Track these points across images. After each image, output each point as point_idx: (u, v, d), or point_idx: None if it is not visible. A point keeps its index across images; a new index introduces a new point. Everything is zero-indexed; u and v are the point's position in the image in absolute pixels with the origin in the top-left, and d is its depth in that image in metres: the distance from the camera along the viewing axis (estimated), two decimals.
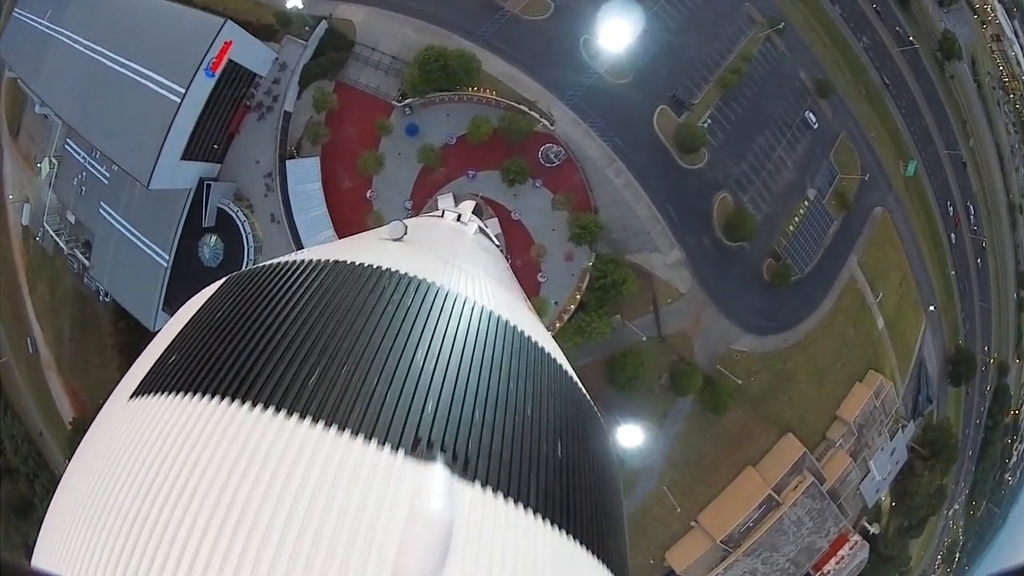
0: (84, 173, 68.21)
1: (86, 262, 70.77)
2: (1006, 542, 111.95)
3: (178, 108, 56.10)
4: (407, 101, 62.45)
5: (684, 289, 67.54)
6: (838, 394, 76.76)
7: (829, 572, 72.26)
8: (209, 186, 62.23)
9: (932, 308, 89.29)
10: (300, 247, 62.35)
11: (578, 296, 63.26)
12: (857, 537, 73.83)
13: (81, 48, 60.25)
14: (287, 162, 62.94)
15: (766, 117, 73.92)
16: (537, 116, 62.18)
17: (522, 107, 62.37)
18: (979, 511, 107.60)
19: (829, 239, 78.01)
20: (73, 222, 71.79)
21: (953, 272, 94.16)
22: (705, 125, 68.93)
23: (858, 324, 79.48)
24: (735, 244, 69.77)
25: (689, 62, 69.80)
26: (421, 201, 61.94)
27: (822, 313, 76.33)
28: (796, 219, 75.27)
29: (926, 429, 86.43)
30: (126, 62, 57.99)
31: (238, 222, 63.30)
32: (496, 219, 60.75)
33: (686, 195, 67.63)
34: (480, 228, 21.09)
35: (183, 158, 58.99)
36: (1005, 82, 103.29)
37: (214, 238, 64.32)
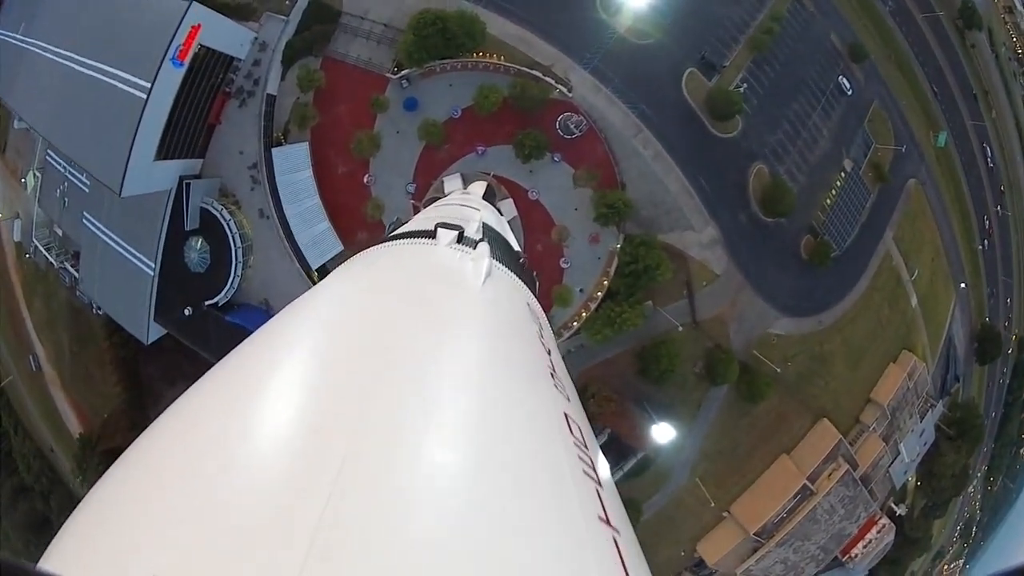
0: (66, 183, 56.06)
1: (77, 275, 59.28)
2: (1019, 516, 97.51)
3: (145, 105, 44.38)
4: (403, 72, 48.40)
5: (719, 270, 53.66)
6: (872, 376, 63.47)
7: (856, 556, 61.97)
8: (188, 185, 49.49)
9: (963, 285, 75.38)
10: (293, 242, 49.93)
11: (605, 282, 49.71)
12: (885, 520, 63.34)
13: (51, 56, 48.58)
14: (273, 150, 49.48)
15: (800, 82, 59.09)
16: (552, 82, 48.00)
17: (535, 73, 48.09)
18: (995, 487, 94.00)
19: (866, 213, 63.28)
20: (61, 235, 60.24)
21: (980, 247, 79.40)
22: (742, 89, 53.99)
23: (893, 303, 65.65)
24: (772, 220, 55.46)
25: (717, 21, 55.01)
26: (425, 183, 48.34)
27: (858, 292, 62.42)
28: (833, 192, 60.64)
29: (952, 408, 73.69)
30: (91, 63, 46.27)
31: (222, 221, 50.00)
32: (511, 200, 47.16)
33: (720, 166, 53.04)
34: (494, 245, 6.69)
35: (157, 158, 46.96)
36: (1019, 54, 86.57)
37: (200, 241, 51.31)
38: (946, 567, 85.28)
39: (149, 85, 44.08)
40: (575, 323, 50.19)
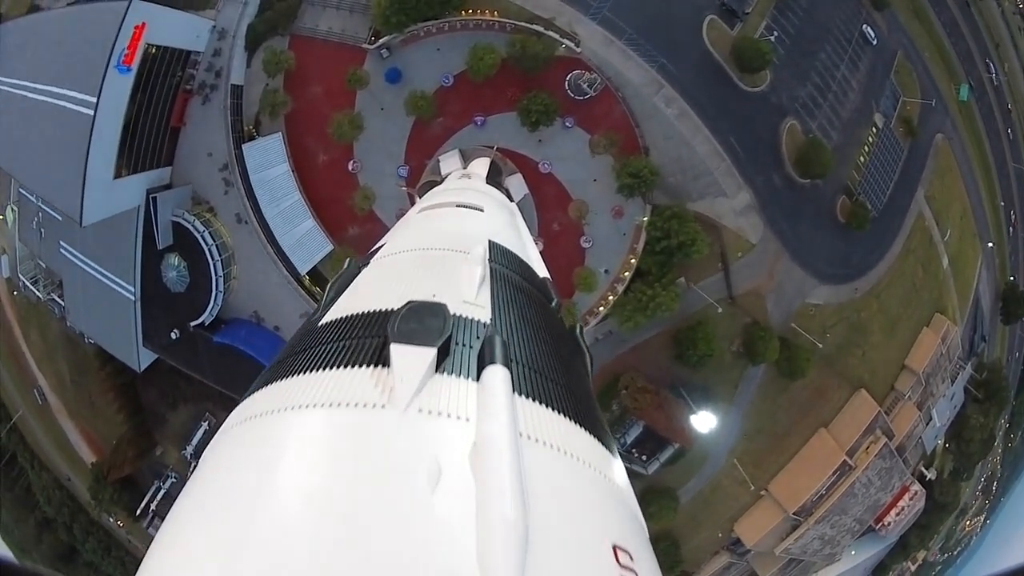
0: (40, 214, 46.42)
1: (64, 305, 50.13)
2: None
3: (93, 121, 34.98)
4: (382, 41, 37.16)
5: (755, 239, 42.74)
6: (907, 342, 53.92)
7: (889, 524, 55.61)
8: (155, 199, 39.00)
9: (991, 245, 64.17)
10: (276, 247, 38.92)
11: (633, 260, 38.83)
12: (917, 487, 56.63)
13: (7, 88, 38.13)
14: (243, 147, 38.29)
15: (825, 30, 46.84)
16: (557, 37, 35.77)
17: (535, 27, 36.57)
18: (1015, 442, 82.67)
19: (898, 171, 51.45)
20: (44, 266, 50.93)
21: (1002, 203, 67.35)
22: (771, 39, 42.07)
23: (927, 264, 55.36)
24: (807, 181, 43.93)
25: None
26: (419, 164, 37.52)
27: (893, 255, 51.91)
28: (866, 149, 49.05)
29: (978, 369, 63.98)
30: (40, 87, 36.75)
31: (195, 234, 39.03)
32: (519, 175, 35.61)
33: (750, 124, 41.29)
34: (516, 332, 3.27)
35: (118, 176, 37.41)
36: (1021, 7, 72.86)
37: (176, 258, 40.63)
38: (968, 523, 77.79)
39: (95, 99, 34.86)
40: (601, 308, 39.42)
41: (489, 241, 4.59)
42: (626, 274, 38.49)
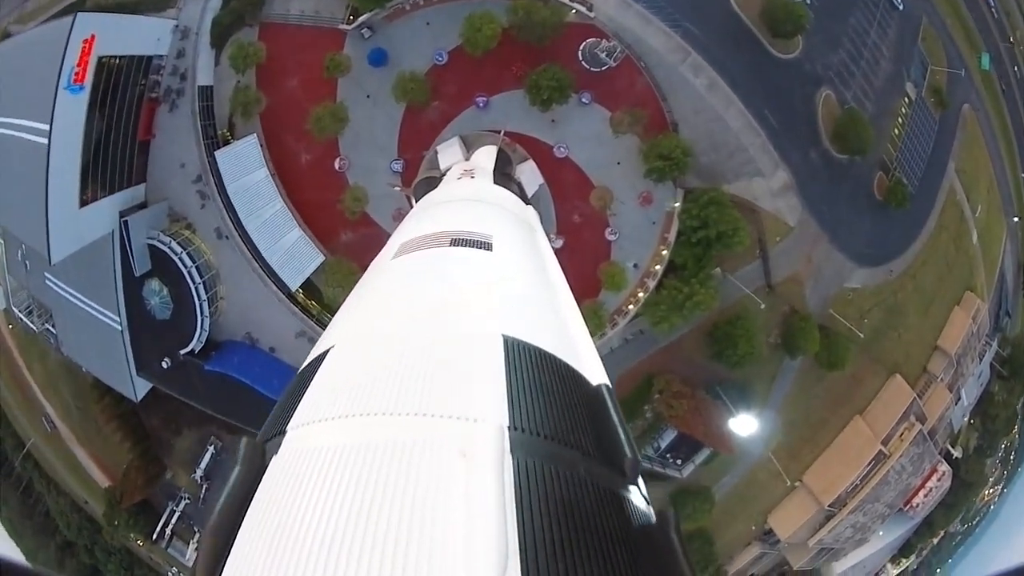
0: (24, 246, 40.01)
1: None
2: None
3: (48, 151, 29.48)
4: (361, 19, 29.84)
5: (793, 221, 35.31)
6: (939, 321, 47.36)
7: (918, 505, 50.58)
8: (126, 223, 32.22)
9: (1016, 219, 56.31)
10: (262, 262, 31.28)
11: (665, 253, 31.40)
12: (944, 467, 51.54)
13: None
14: (216, 154, 30.99)
15: None
16: (566, 0, 25.89)
17: None
18: None
19: (931, 144, 43.94)
20: (35, 298, 44.69)
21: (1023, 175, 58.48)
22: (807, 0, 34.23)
23: (958, 241, 47.99)
24: (845, 156, 36.32)
25: None
26: (415, 157, 29.50)
27: (927, 232, 44.53)
28: (900, 121, 41.39)
29: (1002, 344, 56.83)
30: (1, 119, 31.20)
31: (172, 256, 31.93)
32: (531, 162, 25.19)
33: (785, 94, 33.59)
34: None
35: (85, 203, 31.39)
36: None
37: (157, 283, 33.66)
38: (986, 493, 68.64)
39: (47, 126, 29.38)
40: (631, 306, 32.11)
41: (505, 343, 2.24)
42: (657, 267, 31.21)
